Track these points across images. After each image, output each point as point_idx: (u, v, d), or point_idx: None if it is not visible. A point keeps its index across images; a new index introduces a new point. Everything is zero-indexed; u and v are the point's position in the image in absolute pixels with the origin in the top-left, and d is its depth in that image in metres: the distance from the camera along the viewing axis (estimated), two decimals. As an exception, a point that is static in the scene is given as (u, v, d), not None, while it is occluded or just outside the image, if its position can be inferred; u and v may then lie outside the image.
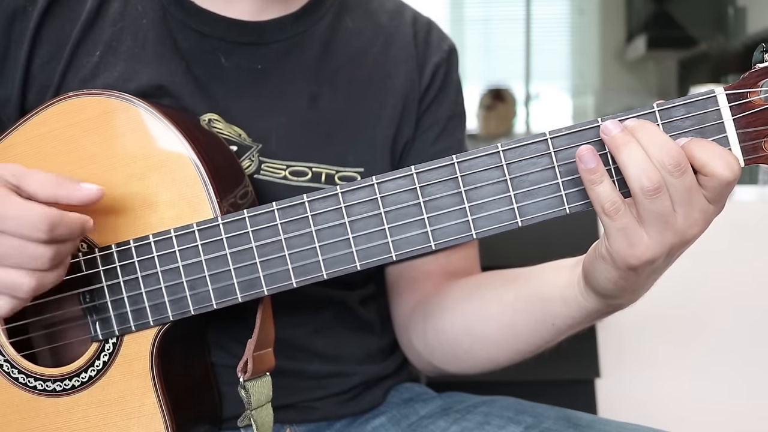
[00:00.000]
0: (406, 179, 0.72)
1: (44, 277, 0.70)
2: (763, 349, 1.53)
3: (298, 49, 0.93)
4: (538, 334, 0.85)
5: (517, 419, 0.88)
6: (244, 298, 0.75)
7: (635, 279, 0.71)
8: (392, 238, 0.72)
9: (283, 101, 0.90)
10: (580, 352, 1.48)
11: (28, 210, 0.68)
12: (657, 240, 0.67)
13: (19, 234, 0.68)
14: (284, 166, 0.89)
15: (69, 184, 0.73)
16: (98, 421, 0.78)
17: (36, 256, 0.69)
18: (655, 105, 0.68)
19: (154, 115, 0.78)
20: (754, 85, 0.66)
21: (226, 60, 0.90)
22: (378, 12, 1.00)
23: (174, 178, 0.77)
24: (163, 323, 0.77)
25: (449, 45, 1.02)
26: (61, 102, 0.80)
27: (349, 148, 0.92)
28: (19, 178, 0.71)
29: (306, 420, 0.92)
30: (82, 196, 0.73)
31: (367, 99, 0.94)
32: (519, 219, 0.70)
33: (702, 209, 0.67)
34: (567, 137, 0.69)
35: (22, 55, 0.87)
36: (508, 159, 0.70)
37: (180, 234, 0.75)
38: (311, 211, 0.73)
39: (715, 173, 0.65)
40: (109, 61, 0.88)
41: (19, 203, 0.69)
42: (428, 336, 0.94)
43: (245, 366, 0.77)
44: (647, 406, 1.50)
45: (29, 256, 0.69)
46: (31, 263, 0.69)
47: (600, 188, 0.66)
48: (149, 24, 0.89)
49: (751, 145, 0.67)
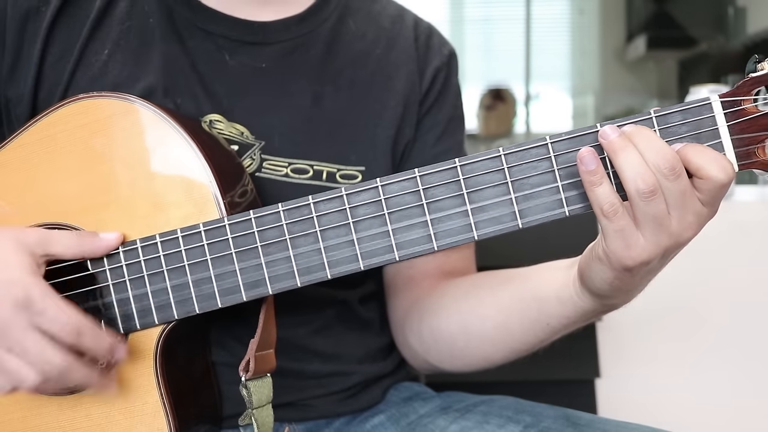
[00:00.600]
0: (409, 181, 0.72)
1: (47, 384, 0.71)
2: (763, 349, 1.53)
3: (301, 50, 0.94)
4: (533, 334, 0.86)
5: (517, 418, 0.88)
6: (249, 297, 0.76)
7: (630, 280, 0.73)
8: (395, 239, 0.73)
9: (286, 100, 0.91)
10: (580, 352, 1.49)
11: (65, 313, 0.70)
12: (652, 242, 0.68)
13: (49, 333, 0.70)
14: (286, 164, 0.90)
15: (91, 241, 0.76)
16: (101, 419, 0.79)
17: (50, 362, 0.70)
18: (653, 111, 0.70)
19: (162, 117, 0.79)
20: (747, 93, 0.68)
21: (230, 58, 0.91)
22: (380, 16, 1.01)
23: (181, 179, 0.78)
24: (168, 322, 0.78)
25: (449, 50, 1.03)
26: (71, 104, 0.81)
27: (350, 147, 0.93)
28: (44, 246, 0.74)
29: (305, 418, 0.93)
30: (104, 248, 0.77)
31: (368, 99, 0.95)
32: (520, 221, 0.71)
33: (696, 212, 0.68)
34: (567, 142, 0.70)
35: (35, 54, 0.88)
36: (510, 162, 0.71)
37: (186, 234, 0.76)
38: (316, 212, 0.74)
39: (710, 176, 0.66)
40: (117, 60, 0.88)
41: (58, 304, 0.70)
42: (424, 334, 0.95)
43: (247, 365, 0.77)
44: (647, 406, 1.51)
45: (46, 359, 0.70)
46: (44, 366, 0.70)
47: (599, 190, 0.68)
48: (155, 23, 0.90)
49: (745, 150, 0.69)
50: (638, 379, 1.54)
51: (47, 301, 0.70)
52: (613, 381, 1.51)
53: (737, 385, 1.54)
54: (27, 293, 0.70)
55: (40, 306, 0.69)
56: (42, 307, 0.70)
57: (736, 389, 1.54)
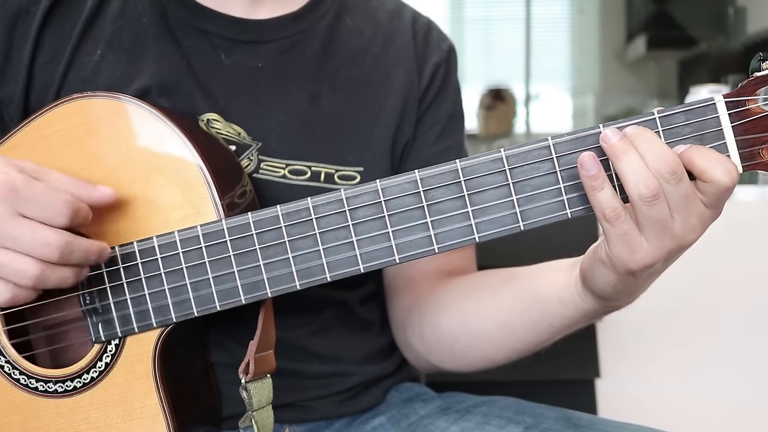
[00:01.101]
0: (409, 183, 0.72)
1: (49, 270, 0.70)
2: (763, 350, 1.53)
3: (298, 48, 0.93)
4: (535, 334, 0.86)
5: (517, 419, 0.88)
6: (247, 300, 0.75)
7: (633, 282, 0.72)
8: (396, 241, 0.72)
9: (282, 99, 0.91)
10: (580, 352, 1.49)
11: (55, 194, 0.69)
12: (656, 246, 0.68)
13: (39, 217, 0.68)
14: (283, 165, 0.89)
15: (85, 185, 0.74)
16: (100, 422, 0.78)
17: (46, 243, 0.68)
18: (656, 112, 0.69)
19: (158, 117, 0.78)
20: (752, 93, 0.67)
21: (226, 57, 0.90)
22: (377, 12, 1.00)
23: (178, 180, 0.77)
24: (167, 325, 0.77)
25: (448, 45, 1.03)
26: (65, 104, 0.80)
27: (348, 148, 0.92)
28: (39, 174, 0.71)
29: (305, 419, 0.93)
30: (98, 197, 0.74)
31: (366, 98, 0.94)
32: (521, 223, 0.71)
33: (699, 215, 0.68)
34: (569, 143, 0.70)
35: (25, 55, 0.87)
36: (511, 164, 0.70)
37: (184, 237, 0.76)
38: (315, 214, 0.73)
39: (714, 179, 0.66)
40: (110, 60, 0.88)
41: (45, 188, 0.69)
42: (425, 334, 0.95)
43: (247, 367, 0.77)
44: (647, 406, 1.50)
45: (40, 241, 0.68)
46: (40, 250, 0.68)
47: (601, 194, 0.67)
48: (149, 22, 0.89)
49: (749, 151, 0.68)
50: (638, 379, 1.53)
51: (34, 186, 0.68)
52: (613, 381, 1.50)
53: (738, 385, 1.54)
54: (10, 181, 0.68)
55: (25, 192, 0.68)
56: (27, 193, 0.68)
57: (736, 389, 1.54)
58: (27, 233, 0.68)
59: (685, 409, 1.52)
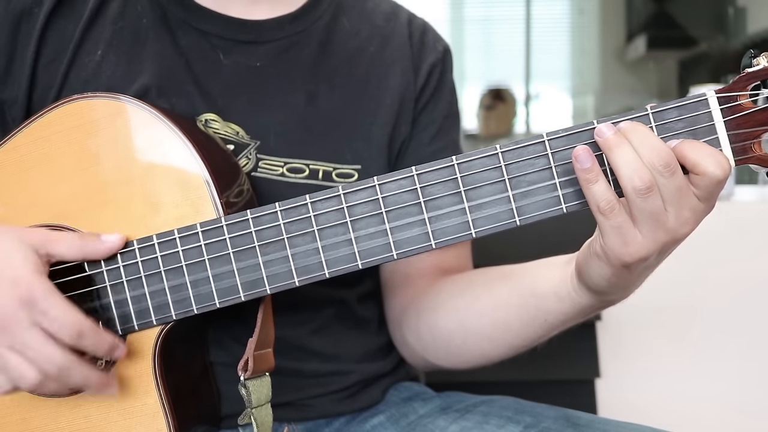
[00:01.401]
0: (407, 180, 0.72)
1: (47, 382, 0.72)
2: (763, 350, 1.53)
3: (296, 48, 0.94)
4: (531, 330, 0.86)
5: (517, 419, 0.88)
6: (247, 297, 0.76)
7: (628, 276, 0.73)
8: (393, 237, 0.73)
9: (281, 99, 0.91)
10: (580, 352, 1.49)
11: (66, 314, 0.71)
12: (650, 238, 0.68)
13: (50, 332, 0.70)
14: (282, 163, 0.90)
15: (93, 242, 0.76)
16: (100, 420, 0.79)
17: (49, 360, 0.71)
18: (649, 107, 0.70)
19: (158, 117, 0.78)
20: (743, 89, 0.68)
21: (225, 57, 0.91)
22: (374, 13, 1.01)
23: (178, 179, 0.77)
24: (167, 322, 0.78)
25: (444, 46, 1.03)
26: (65, 104, 0.81)
27: (346, 146, 0.93)
28: (47, 246, 0.74)
29: (304, 418, 0.93)
30: (107, 250, 0.76)
31: (363, 97, 0.95)
32: (517, 218, 0.71)
33: (692, 208, 0.68)
34: (564, 139, 0.70)
35: (28, 56, 0.88)
36: (507, 160, 0.71)
37: (183, 235, 0.76)
38: (314, 212, 0.74)
39: (707, 172, 0.66)
40: (111, 60, 0.88)
41: (60, 304, 0.71)
42: (421, 332, 0.95)
43: (246, 365, 0.77)
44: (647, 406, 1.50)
45: (45, 356, 0.70)
46: (43, 363, 0.71)
47: (595, 187, 0.68)
48: (149, 23, 0.90)
49: (741, 146, 0.69)
50: (638, 379, 1.53)
51: (50, 300, 0.70)
52: (613, 381, 1.51)
53: (737, 385, 1.54)
54: (31, 292, 0.70)
55: (43, 305, 0.70)
56: (45, 306, 0.70)
57: (736, 389, 1.54)
58: (37, 345, 0.70)
59: (685, 408, 1.52)
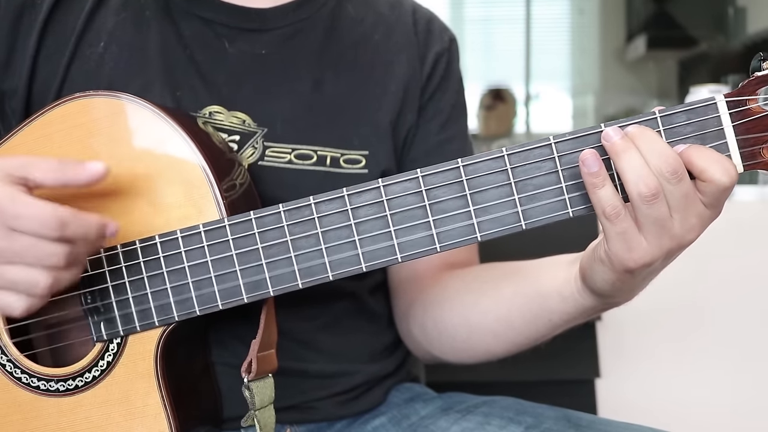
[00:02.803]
0: (411, 182, 0.72)
1: (60, 274, 0.70)
2: (763, 350, 1.54)
3: (301, 35, 0.94)
4: (535, 328, 0.86)
5: (518, 419, 0.88)
6: (249, 299, 0.75)
7: (632, 281, 0.73)
8: (398, 240, 0.73)
9: (287, 86, 0.91)
10: (580, 352, 1.49)
11: (39, 208, 0.68)
12: (655, 245, 0.68)
13: (32, 232, 0.68)
14: (289, 150, 0.89)
15: (73, 167, 0.72)
16: (101, 421, 0.78)
17: (51, 254, 0.68)
18: (657, 111, 0.69)
19: (160, 116, 0.78)
20: (752, 93, 0.67)
21: (230, 45, 0.90)
22: (378, 2, 1.01)
23: (180, 179, 0.77)
24: (169, 324, 0.77)
25: (450, 36, 1.03)
26: (67, 102, 0.80)
27: (353, 131, 0.92)
28: (23, 169, 0.70)
29: (307, 420, 0.93)
30: (88, 176, 0.72)
31: (369, 83, 0.95)
32: (523, 222, 0.71)
33: (699, 215, 0.68)
34: (570, 142, 0.70)
35: (29, 47, 0.87)
36: (513, 163, 0.70)
37: (186, 235, 0.76)
38: (317, 213, 0.73)
39: (714, 179, 0.66)
40: (113, 52, 0.88)
41: (29, 202, 0.68)
42: (427, 326, 0.95)
43: (249, 366, 0.77)
44: (647, 406, 1.51)
45: (44, 253, 0.68)
46: (47, 260, 0.69)
47: (602, 192, 0.67)
48: (152, 15, 0.90)
49: (750, 151, 0.68)
50: (638, 379, 1.54)
51: (18, 202, 0.68)
52: (613, 381, 1.51)
53: (738, 385, 1.54)
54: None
55: (12, 210, 0.68)
56: (14, 210, 0.68)
57: (736, 389, 1.54)
58: (27, 248, 0.68)
59: (685, 408, 1.52)
